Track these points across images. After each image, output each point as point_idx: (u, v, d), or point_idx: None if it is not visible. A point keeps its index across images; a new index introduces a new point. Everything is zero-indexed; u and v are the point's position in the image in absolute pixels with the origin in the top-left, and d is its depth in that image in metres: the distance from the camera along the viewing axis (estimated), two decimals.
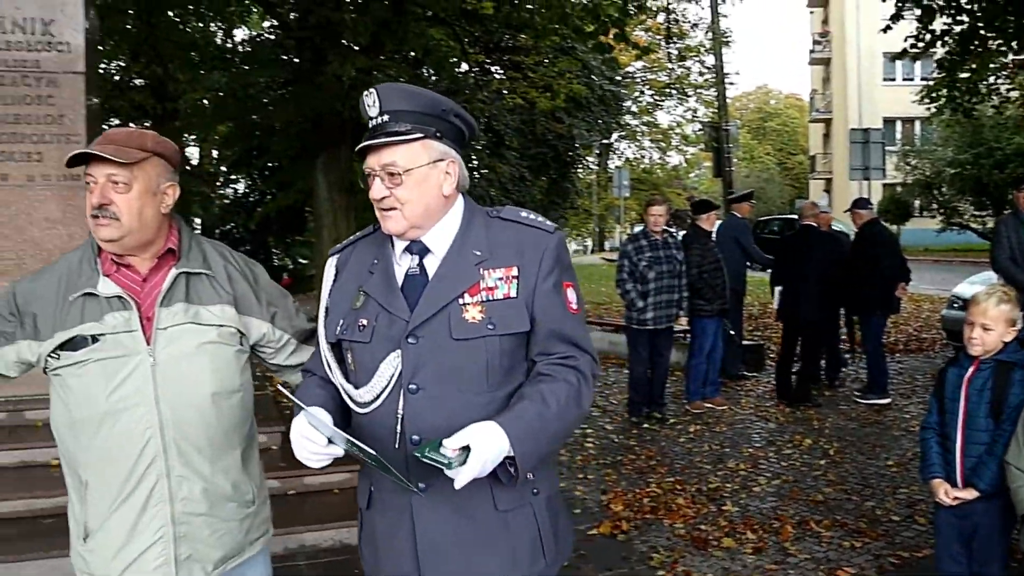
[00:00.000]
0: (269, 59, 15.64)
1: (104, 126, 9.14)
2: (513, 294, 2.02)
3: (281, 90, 16.03)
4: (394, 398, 2.00)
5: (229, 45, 19.66)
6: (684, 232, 8.80)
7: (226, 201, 32.00)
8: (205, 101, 19.41)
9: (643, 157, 50.00)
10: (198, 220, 28.57)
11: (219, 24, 20.03)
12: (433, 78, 19.01)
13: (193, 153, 29.01)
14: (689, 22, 32.00)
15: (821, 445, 7.05)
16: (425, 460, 1.80)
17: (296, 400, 2.00)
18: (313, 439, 1.93)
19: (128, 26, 15.41)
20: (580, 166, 40.27)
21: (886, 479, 6.13)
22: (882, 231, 8.85)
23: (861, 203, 8.77)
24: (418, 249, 2.10)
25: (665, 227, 7.97)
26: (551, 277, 2.06)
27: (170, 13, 15.80)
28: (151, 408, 2.21)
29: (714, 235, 8.84)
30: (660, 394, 8.17)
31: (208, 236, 3.41)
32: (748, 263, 9.76)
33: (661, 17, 26.76)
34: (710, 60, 30.93)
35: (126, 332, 2.22)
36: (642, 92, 42.84)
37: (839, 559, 4.73)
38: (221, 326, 2.32)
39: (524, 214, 2.16)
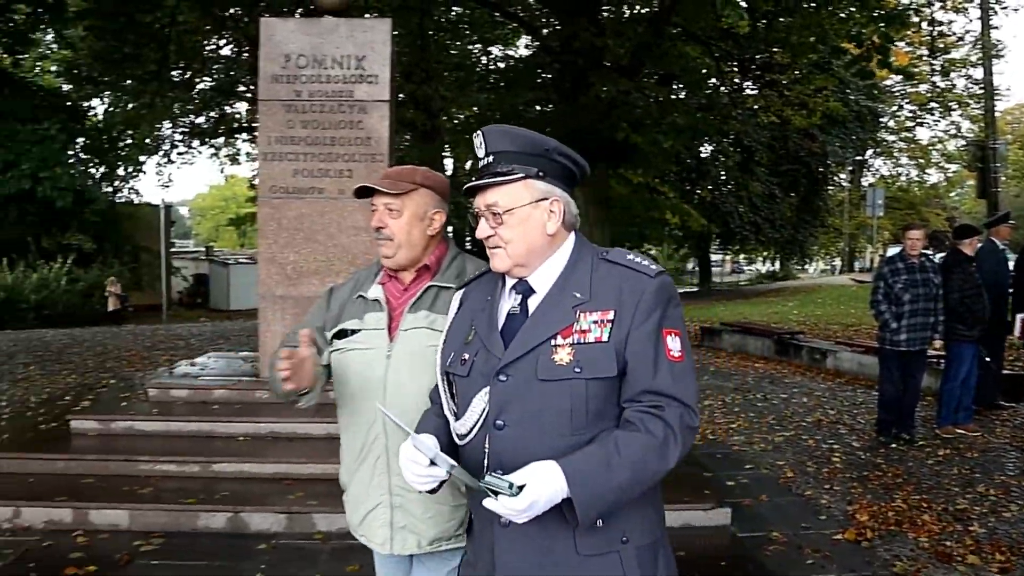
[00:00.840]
0: (530, 80, 16.47)
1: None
2: (605, 338, 2.00)
3: (541, 109, 16.83)
4: (483, 433, 2.06)
5: (491, 67, 20.72)
6: (944, 255, 8.73)
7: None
8: (463, 118, 20.65)
9: (899, 175, 47.55)
10: (450, 228, 30.16)
11: (479, 46, 21.28)
12: (684, 95, 19.31)
13: (448, 164, 30.64)
14: (955, 34, 30.26)
15: None
16: (484, 484, 1.89)
17: (401, 425, 2.08)
18: (418, 461, 2.03)
19: (400, 48, 16.79)
20: (832, 183, 39.12)
21: None
22: None
23: None
24: (522, 289, 2.15)
25: (922, 251, 8.01)
26: (648, 323, 2.01)
27: (430, 33, 17.04)
28: (380, 394, 2.62)
29: None
30: (910, 416, 8.17)
31: (460, 242, 3.94)
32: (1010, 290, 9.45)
33: (924, 26, 25.46)
34: (978, 73, 29.12)
35: (376, 330, 2.68)
36: (901, 107, 40.97)
37: None
38: None
39: (630, 256, 2.13)
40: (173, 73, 22.72)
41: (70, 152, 14.33)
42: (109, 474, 6.13)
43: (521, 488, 1.84)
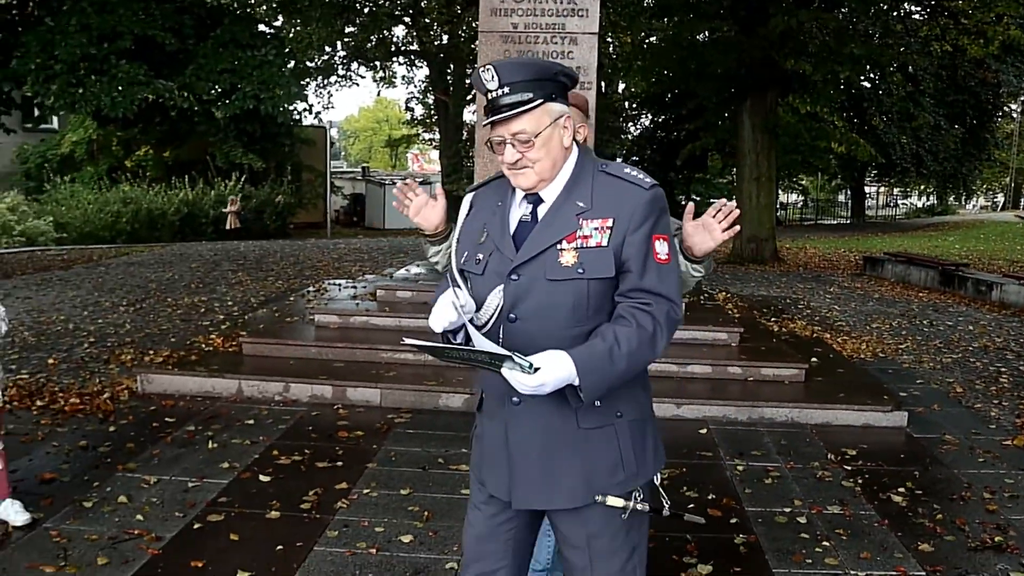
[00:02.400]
0: (706, 9, 16.71)
1: None
2: (604, 243, 2.22)
3: (715, 38, 17.06)
4: (498, 325, 2.30)
5: None
6: None
7: (629, 137, 33.83)
8: (623, 43, 20.88)
9: None
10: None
11: None
12: (856, 24, 19.10)
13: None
14: None
15: None
16: (514, 359, 2.11)
17: (424, 344, 2.23)
18: (451, 308, 2.23)
19: None
20: (1001, 115, 37.55)
21: None
22: None
23: None
24: (533, 199, 2.33)
25: None
26: (641, 229, 2.23)
27: None
28: None
29: None
30: None
31: None
32: None
33: None
34: None
35: None
36: None
37: None
38: None
39: (628, 170, 2.32)
40: None
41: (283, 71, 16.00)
42: (355, 360, 7.19)
43: (536, 369, 2.10)
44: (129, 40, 13.75)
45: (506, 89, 2.20)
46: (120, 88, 13.31)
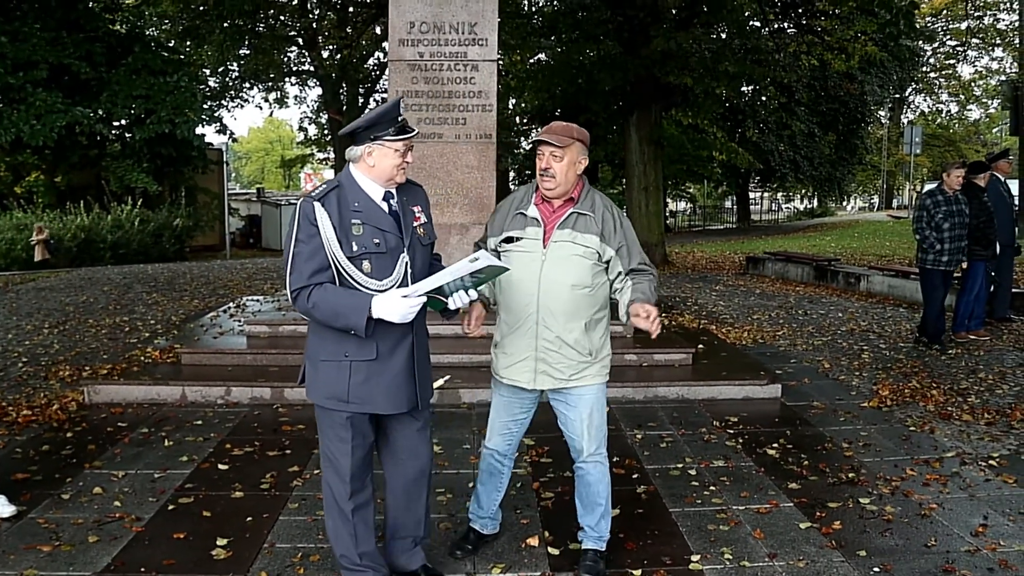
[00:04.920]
0: (595, 32, 17.70)
1: None
2: (426, 220, 3.57)
3: (602, 57, 18.04)
4: (406, 279, 3.39)
5: (551, 14, 21.81)
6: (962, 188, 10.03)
7: (521, 152, 34.73)
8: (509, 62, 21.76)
9: (940, 111, 47.82)
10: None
11: None
12: (730, 41, 20.34)
13: None
14: None
15: None
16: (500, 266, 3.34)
17: (429, 290, 3.29)
18: (413, 304, 3.29)
19: None
20: (870, 121, 39.74)
21: None
22: None
23: None
24: (389, 196, 3.43)
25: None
26: (431, 214, 3.65)
27: None
28: (535, 284, 3.70)
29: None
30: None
31: (504, 182, 5.24)
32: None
33: None
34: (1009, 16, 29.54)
35: (534, 239, 3.72)
36: (942, 43, 41.23)
37: None
38: (586, 247, 3.69)
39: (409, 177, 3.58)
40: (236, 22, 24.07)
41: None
42: (288, 364, 7.79)
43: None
44: (45, 69, 13.99)
45: None
46: (39, 116, 13.55)
